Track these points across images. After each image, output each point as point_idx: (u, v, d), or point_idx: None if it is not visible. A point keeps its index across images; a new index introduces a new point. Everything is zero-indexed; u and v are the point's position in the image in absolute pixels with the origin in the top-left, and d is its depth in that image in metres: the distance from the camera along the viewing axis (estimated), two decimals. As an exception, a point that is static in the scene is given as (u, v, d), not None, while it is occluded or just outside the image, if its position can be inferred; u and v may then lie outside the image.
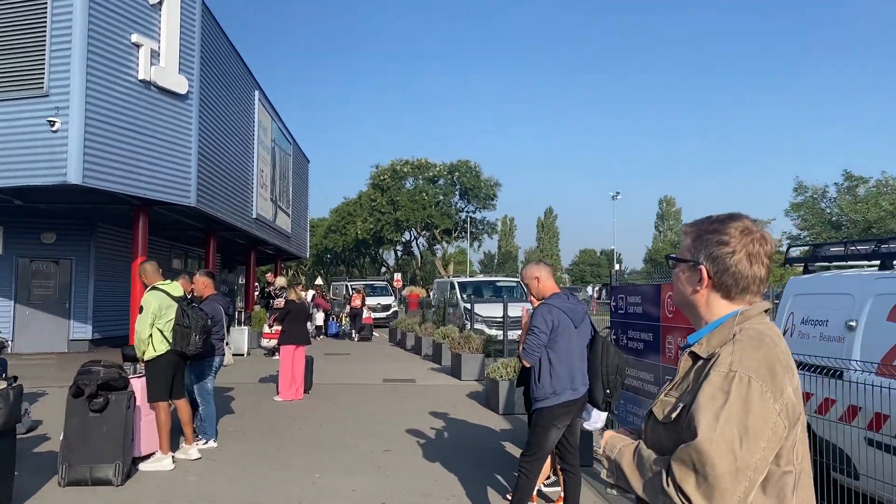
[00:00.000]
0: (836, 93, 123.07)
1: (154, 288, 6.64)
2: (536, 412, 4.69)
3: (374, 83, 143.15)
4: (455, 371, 12.77)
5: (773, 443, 1.56)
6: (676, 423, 1.66)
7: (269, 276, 17.06)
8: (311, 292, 24.67)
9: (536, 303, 4.87)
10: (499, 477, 6.25)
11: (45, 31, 11.99)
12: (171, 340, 6.43)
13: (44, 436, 7.59)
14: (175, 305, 6.54)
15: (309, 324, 23.45)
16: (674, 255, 1.83)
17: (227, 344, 7.76)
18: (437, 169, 54.76)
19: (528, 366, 4.76)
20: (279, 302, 14.89)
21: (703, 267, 1.74)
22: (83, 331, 16.73)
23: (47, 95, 11.89)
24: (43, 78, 11.95)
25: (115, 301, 17.26)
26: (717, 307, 1.76)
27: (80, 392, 5.87)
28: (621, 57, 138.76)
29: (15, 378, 5.13)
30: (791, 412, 1.59)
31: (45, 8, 12.01)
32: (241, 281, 32.49)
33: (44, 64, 11.95)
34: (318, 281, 47.68)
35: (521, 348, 4.77)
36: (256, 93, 19.84)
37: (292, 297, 10.59)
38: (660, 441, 1.71)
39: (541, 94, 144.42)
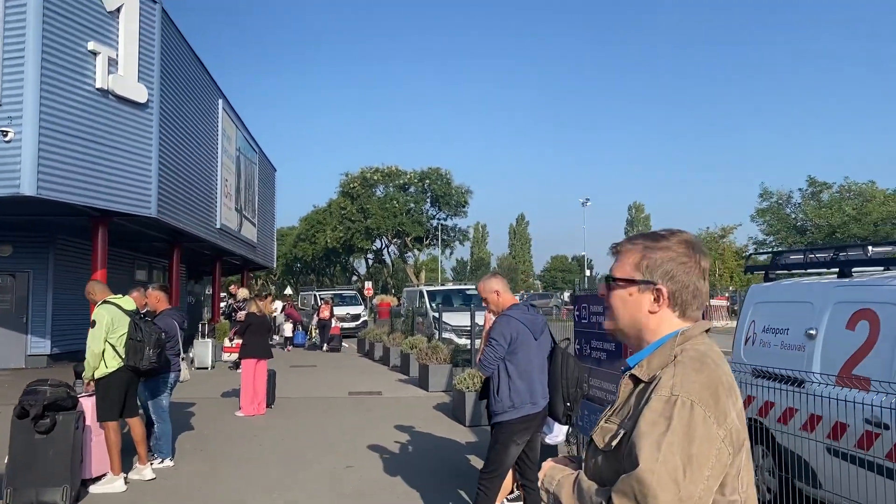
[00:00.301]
0: (801, 98, 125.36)
1: (106, 302, 6.44)
2: (496, 427, 4.60)
3: (343, 91, 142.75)
4: (422, 382, 12.63)
5: (718, 471, 1.47)
6: (617, 451, 1.57)
7: (232, 287, 16.77)
8: (278, 303, 24.42)
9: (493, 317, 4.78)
10: (462, 493, 6.13)
11: (-4, 39, 11.66)
12: (123, 356, 6.23)
13: (-7, 458, 7.30)
14: (128, 319, 6.34)
15: (278, 335, 23.39)
16: (619, 277, 1.72)
17: (183, 359, 7.54)
18: (408, 176, 54.64)
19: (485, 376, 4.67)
20: (242, 314, 14.64)
21: (661, 286, 1.66)
22: (41, 345, 16.28)
23: (0, 105, 11.55)
24: (-5, 87, 11.60)
25: (74, 314, 16.80)
26: (668, 327, 1.67)
27: (26, 413, 5.64)
28: (593, 63, 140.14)
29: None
30: (735, 438, 1.51)
31: (-2, 15, 11.69)
32: (208, 292, 32.01)
33: (-4, 72, 11.61)
34: (288, 291, 47.24)
35: (478, 360, 4.68)
36: (220, 101, 19.56)
37: (253, 309, 10.38)
38: (600, 471, 1.62)
39: (512, 101, 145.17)
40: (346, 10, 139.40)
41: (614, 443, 1.59)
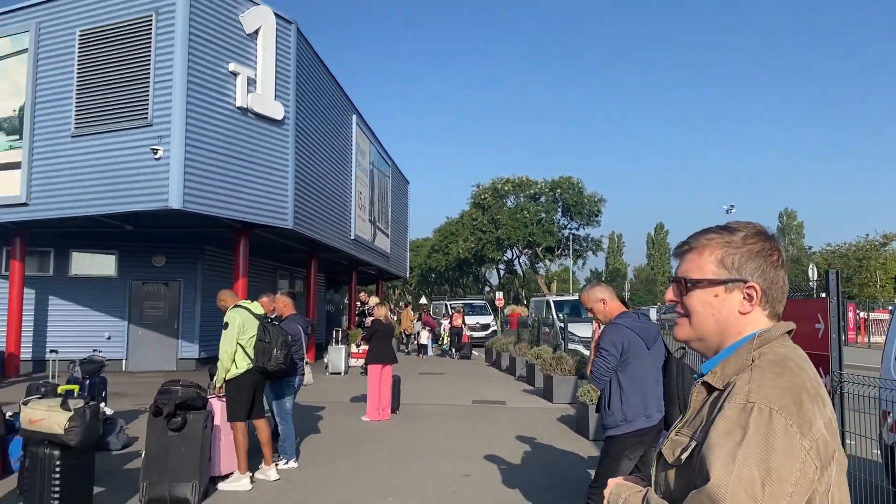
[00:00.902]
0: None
1: (236, 306, 6.74)
2: (607, 440, 4.35)
3: (475, 104, 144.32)
4: (547, 393, 12.38)
5: (803, 487, 1.27)
6: (688, 465, 1.40)
7: (362, 295, 17.25)
8: (417, 325, 24.95)
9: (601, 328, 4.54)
10: (579, 508, 5.87)
11: (149, 64, 12.64)
12: (252, 357, 6.48)
13: (137, 452, 7.80)
14: (257, 322, 6.61)
15: (415, 342, 23.99)
16: (700, 277, 1.52)
17: (307, 363, 7.76)
18: (539, 186, 54.21)
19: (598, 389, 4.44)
20: (370, 321, 14.94)
21: (753, 283, 1.47)
22: (191, 350, 17.43)
23: (151, 125, 12.50)
24: (147, 108, 12.58)
25: (219, 321, 17.81)
26: (755, 328, 1.48)
27: (160, 411, 5.98)
28: (733, 60, 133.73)
29: (92, 397, 5.25)
30: (823, 450, 1.30)
31: (150, 42, 12.67)
32: (347, 301, 33.18)
33: (148, 95, 12.59)
34: (423, 300, 48.15)
35: (589, 370, 4.45)
36: (354, 117, 20.24)
37: (379, 316, 10.56)
38: (670, 487, 1.45)
39: (648, 108, 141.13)
40: (478, 21, 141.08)
41: (684, 456, 1.41)
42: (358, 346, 10.25)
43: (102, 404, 8.58)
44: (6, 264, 15.94)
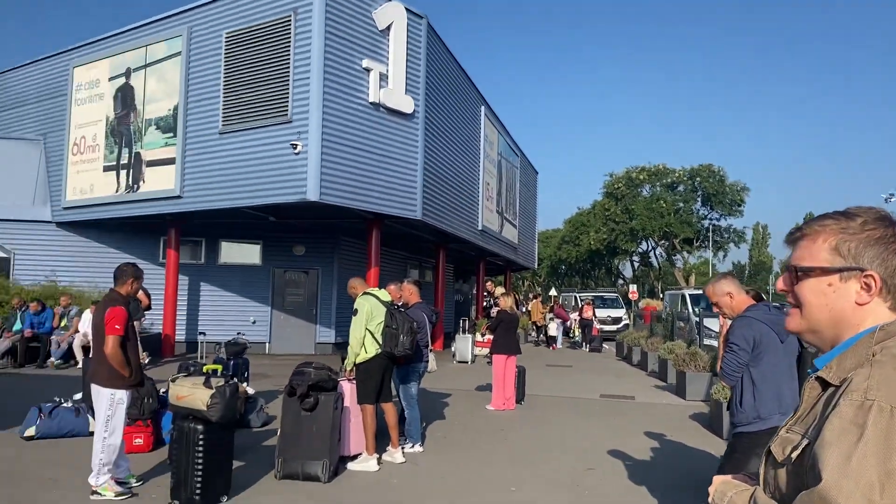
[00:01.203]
0: None
1: (365, 293, 6.99)
2: (736, 437, 4.15)
3: (608, 88, 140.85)
4: (679, 390, 11.95)
5: None
6: (799, 464, 1.32)
7: (488, 285, 17.36)
8: (533, 302, 25.02)
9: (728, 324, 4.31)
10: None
11: (289, 63, 13.28)
12: (380, 342, 6.70)
13: (276, 430, 8.26)
14: (384, 309, 6.83)
15: (541, 334, 23.97)
16: (813, 265, 1.43)
17: (431, 350, 7.92)
18: (677, 174, 52.20)
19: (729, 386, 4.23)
20: (496, 311, 14.98)
21: (872, 272, 1.36)
22: (327, 335, 18.22)
23: (291, 121, 13.13)
24: (287, 105, 13.22)
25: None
26: (874, 321, 1.37)
27: (294, 391, 6.31)
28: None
29: (232, 376, 5.61)
30: None
31: (289, 41, 13.30)
32: (474, 291, 33.48)
33: (288, 92, 13.22)
34: (552, 292, 47.75)
35: (718, 366, 4.25)
36: (482, 108, 20.34)
37: (504, 306, 10.59)
38: (780, 487, 1.37)
39: (793, 91, 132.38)
40: (605, 9, 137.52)
41: (795, 454, 1.33)
42: (483, 335, 10.31)
43: (245, 384, 9.16)
44: (163, 253, 17.30)
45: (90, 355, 13.25)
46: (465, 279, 33.53)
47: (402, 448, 7.22)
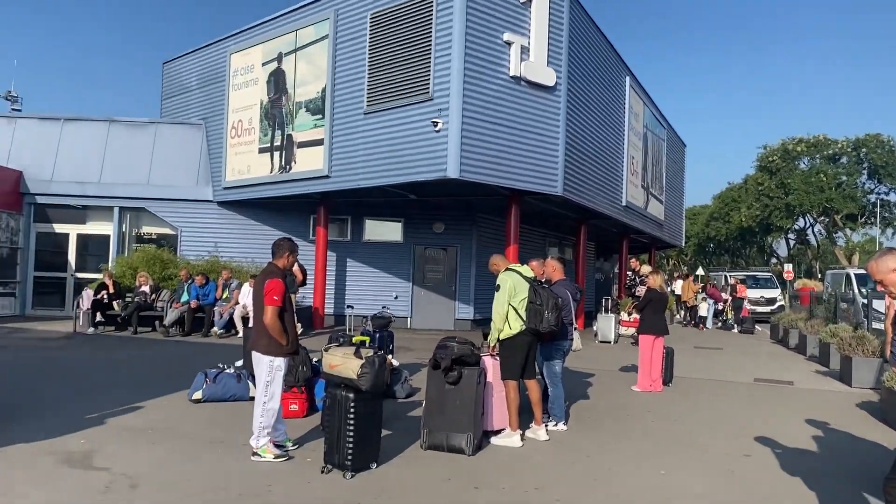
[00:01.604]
0: None
1: (508, 269, 6.93)
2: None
3: (760, 61, 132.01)
4: (844, 376, 11.06)
5: None
6: None
7: (633, 262, 16.74)
8: (679, 282, 24.11)
9: None
10: (873, 501, 5.16)
11: (430, 41, 13.37)
12: (524, 318, 6.64)
13: (419, 402, 8.43)
14: (527, 285, 6.74)
15: (689, 315, 23.09)
16: None
17: (575, 328, 7.75)
18: (839, 146, 48.14)
19: None
20: (641, 289, 14.51)
21: None
22: (466, 311, 18.41)
23: (432, 99, 13.25)
24: (428, 83, 13.34)
25: (492, 285, 18.55)
26: None
27: (438, 364, 6.37)
28: None
29: (381, 348, 5.74)
30: None
31: (431, 19, 13.38)
32: (617, 270, 32.67)
33: (429, 70, 13.33)
34: (699, 271, 45.75)
35: (888, 352, 3.83)
36: (627, 78, 19.63)
37: (653, 284, 10.19)
38: None
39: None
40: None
41: None
42: (629, 314, 9.97)
43: (390, 356, 9.40)
44: (313, 230, 18.09)
45: (249, 325, 14.16)
46: (605, 257, 32.77)
47: (546, 426, 7.14)
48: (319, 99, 15.72)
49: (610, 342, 15.78)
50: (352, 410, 5.45)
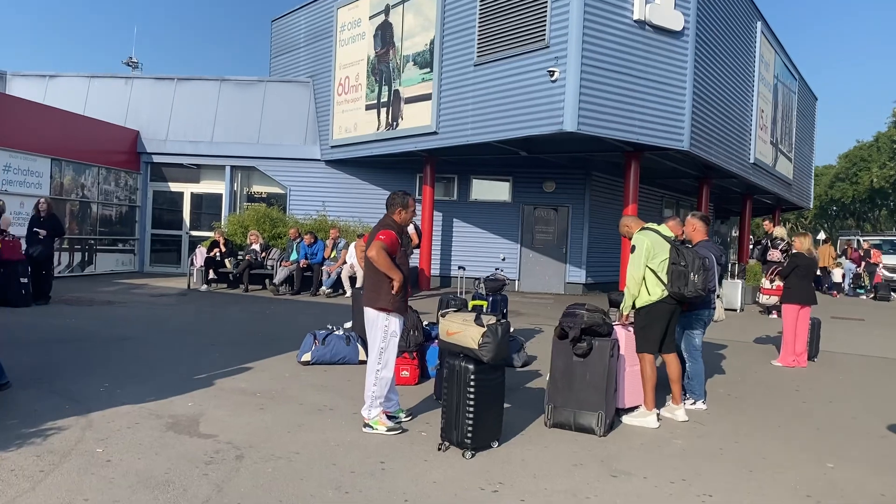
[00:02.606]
0: None
1: (644, 229, 6.14)
2: None
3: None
4: None
5: None
6: None
7: (765, 224, 15.38)
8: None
9: None
10: None
11: (547, -17, 12.43)
12: (665, 283, 5.86)
13: (536, 372, 7.83)
14: (668, 245, 5.95)
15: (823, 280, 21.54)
16: None
17: (718, 296, 6.87)
18: None
19: None
20: (774, 254, 13.28)
21: None
22: (577, 275, 17.57)
23: (548, 47, 12.36)
24: (545, 30, 12.44)
25: (605, 247, 17.72)
26: None
27: (565, 334, 5.71)
28: None
29: (504, 315, 5.12)
30: None
31: (548, -40, 12.44)
32: (735, 233, 30.82)
33: (546, 15, 12.42)
34: (821, 235, 42.69)
35: None
36: (759, 24, 17.93)
37: (800, 248, 9.07)
38: None
39: None
40: None
41: None
42: (771, 281, 8.95)
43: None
44: (419, 189, 17.64)
45: (358, 285, 13.91)
46: (722, 220, 30.91)
47: (684, 404, 6.38)
48: (427, 52, 15.09)
49: (736, 310, 14.62)
50: (472, 384, 4.89)
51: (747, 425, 6.09)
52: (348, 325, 8.42)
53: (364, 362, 7.68)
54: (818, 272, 21.34)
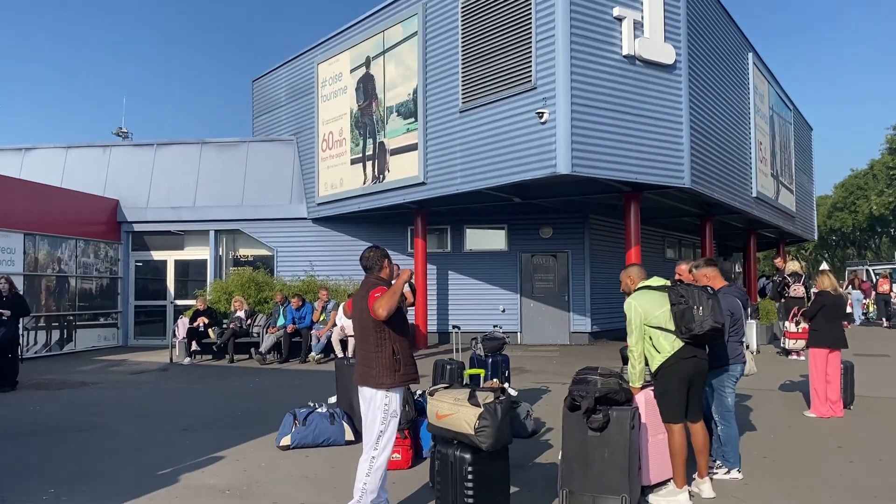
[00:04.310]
0: None
1: (637, 290, 5.41)
2: None
3: (883, 22, 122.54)
4: None
5: None
6: None
7: (777, 261, 14.64)
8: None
9: None
10: None
11: (530, 23, 11.93)
12: (673, 329, 5.08)
13: (547, 442, 6.98)
14: (662, 294, 5.22)
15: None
16: None
17: (747, 347, 6.07)
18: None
19: None
20: (798, 289, 12.51)
21: None
22: (582, 323, 16.74)
23: (535, 88, 11.79)
24: (530, 71, 11.89)
25: (610, 293, 16.91)
26: None
27: (577, 406, 4.90)
28: None
29: (502, 390, 4.33)
30: None
31: (529, 1, 11.96)
32: (738, 269, 30.07)
33: (530, 56, 11.89)
34: (824, 266, 42.02)
35: None
36: (750, 55, 17.50)
37: (825, 286, 8.29)
38: None
39: None
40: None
41: None
42: (797, 323, 8.19)
43: (506, 384, 7.99)
44: (411, 242, 16.93)
45: (347, 354, 13.04)
46: (725, 256, 30.19)
47: (711, 476, 5.52)
48: (411, 101, 14.56)
49: (752, 352, 13.76)
50: (470, 477, 4.09)
51: (790, 497, 5.23)
52: (332, 399, 7.59)
53: (351, 442, 6.86)
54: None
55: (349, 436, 6.89)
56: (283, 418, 6.98)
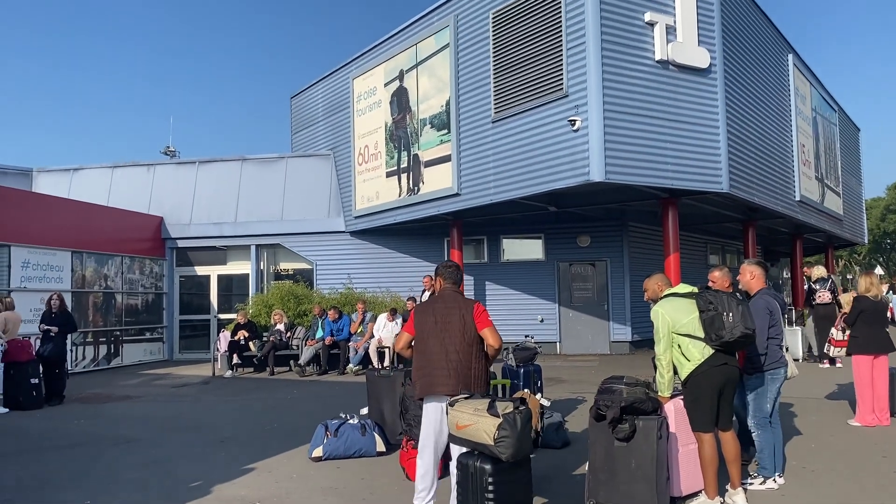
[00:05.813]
0: None
1: (664, 297, 5.35)
2: None
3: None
4: None
5: None
6: None
7: (804, 269, 14.36)
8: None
9: None
10: None
11: (560, 31, 11.90)
12: (703, 336, 4.99)
13: (580, 453, 6.87)
14: (690, 301, 5.14)
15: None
16: None
17: (786, 350, 5.90)
18: None
19: None
20: (824, 295, 12.24)
21: None
22: (623, 332, 16.53)
23: (567, 96, 11.74)
24: (562, 79, 11.85)
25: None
26: None
27: (602, 416, 4.84)
28: None
29: (522, 401, 4.29)
30: None
31: (560, 7, 11.94)
32: (786, 275, 29.39)
33: (562, 64, 11.85)
34: (878, 270, 40.67)
35: None
36: (790, 56, 17.14)
37: (863, 291, 8.04)
38: None
39: None
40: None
41: None
42: (843, 331, 7.92)
43: (539, 395, 7.93)
44: (447, 253, 16.95)
45: (385, 364, 13.10)
46: (772, 262, 29.54)
47: (745, 486, 5.37)
48: (444, 113, 14.62)
49: (798, 360, 13.40)
50: (490, 488, 4.05)
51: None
52: (364, 411, 7.62)
53: (382, 453, 6.89)
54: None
55: (380, 447, 6.91)
56: (316, 430, 7.04)
